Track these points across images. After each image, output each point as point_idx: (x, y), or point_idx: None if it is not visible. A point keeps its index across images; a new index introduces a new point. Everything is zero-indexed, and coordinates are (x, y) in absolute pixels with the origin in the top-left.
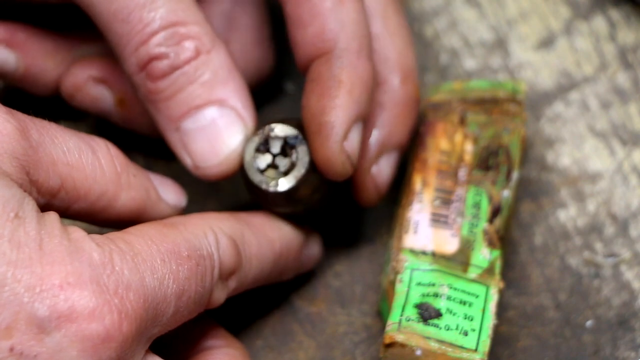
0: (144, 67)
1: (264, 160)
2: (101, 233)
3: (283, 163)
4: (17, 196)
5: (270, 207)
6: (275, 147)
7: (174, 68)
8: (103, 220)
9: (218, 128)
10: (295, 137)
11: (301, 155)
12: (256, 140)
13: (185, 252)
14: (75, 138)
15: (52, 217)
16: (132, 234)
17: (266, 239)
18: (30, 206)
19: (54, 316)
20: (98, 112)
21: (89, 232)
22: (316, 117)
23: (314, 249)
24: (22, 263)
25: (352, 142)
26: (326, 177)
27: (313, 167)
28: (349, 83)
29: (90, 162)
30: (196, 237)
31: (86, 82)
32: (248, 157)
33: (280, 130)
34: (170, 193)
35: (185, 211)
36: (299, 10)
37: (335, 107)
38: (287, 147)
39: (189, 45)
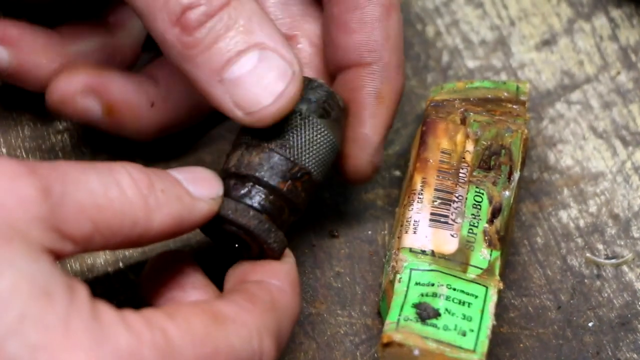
0: (177, 20)
1: None
2: None
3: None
4: (45, 271)
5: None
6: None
7: (209, 16)
8: (144, 244)
9: (264, 69)
10: None
11: None
12: None
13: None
14: (95, 175)
15: (83, 293)
16: (175, 324)
17: (295, 319)
18: (59, 280)
19: None
20: (85, 122)
21: None
22: (354, 128)
23: None
24: (44, 347)
25: (381, 153)
26: (349, 181)
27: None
28: (388, 98)
29: (116, 197)
30: (241, 343)
31: (74, 94)
32: None
33: None
34: (203, 187)
35: None
36: (348, 16)
37: (376, 120)
38: None
39: None
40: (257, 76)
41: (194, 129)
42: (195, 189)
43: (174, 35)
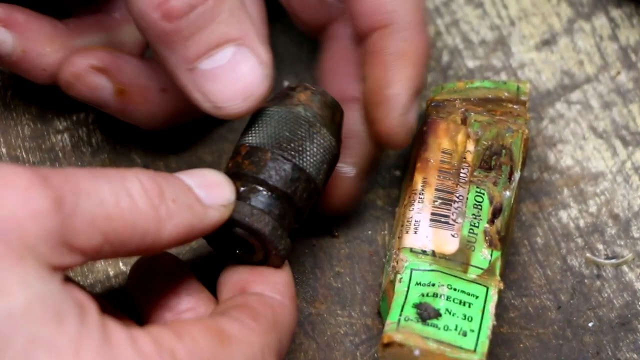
0: (159, 5)
1: None
2: None
3: None
4: (56, 290)
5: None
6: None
7: (193, 7)
8: (153, 253)
9: (238, 68)
10: None
11: None
12: None
13: None
14: (106, 183)
15: (93, 312)
16: (183, 344)
17: (293, 332)
18: (70, 300)
19: None
20: (96, 101)
21: None
22: (381, 90)
23: None
24: None
25: (414, 114)
26: (385, 146)
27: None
28: (413, 56)
29: (127, 207)
30: None
31: (86, 71)
32: None
33: None
34: (215, 193)
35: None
36: None
37: (402, 79)
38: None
39: None
40: (231, 73)
41: (194, 128)
42: (206, 196)
43: (153, 18)
